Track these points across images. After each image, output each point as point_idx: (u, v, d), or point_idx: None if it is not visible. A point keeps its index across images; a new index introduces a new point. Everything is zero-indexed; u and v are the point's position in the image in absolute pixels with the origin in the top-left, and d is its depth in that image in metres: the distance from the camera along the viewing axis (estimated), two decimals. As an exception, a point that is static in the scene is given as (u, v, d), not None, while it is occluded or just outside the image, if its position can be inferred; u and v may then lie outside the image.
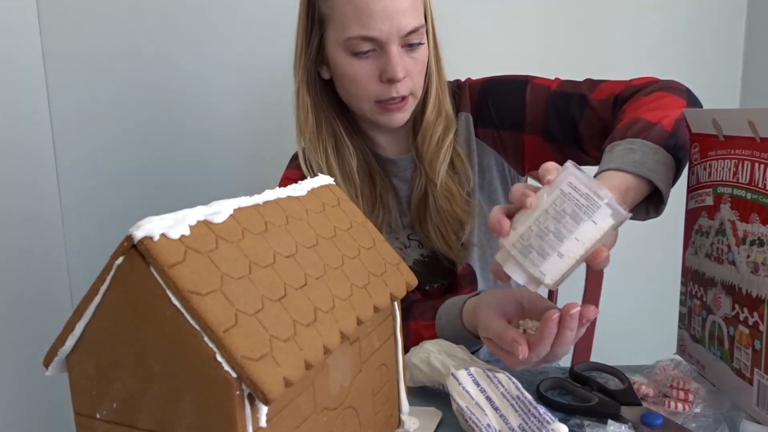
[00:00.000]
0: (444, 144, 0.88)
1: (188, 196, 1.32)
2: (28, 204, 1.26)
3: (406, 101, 0.85)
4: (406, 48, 0.82)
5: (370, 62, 0.82)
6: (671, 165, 0.69)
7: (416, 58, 0.84)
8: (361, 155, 0.92)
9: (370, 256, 0.54)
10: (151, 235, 0.36)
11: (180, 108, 1.31)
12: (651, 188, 0.67)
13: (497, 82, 0.92)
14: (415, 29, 0.81)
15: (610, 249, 0.58)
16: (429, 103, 0.88)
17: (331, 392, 0.47)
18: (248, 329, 0.37)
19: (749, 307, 0.58)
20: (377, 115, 0.86)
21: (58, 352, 0.41)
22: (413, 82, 0.85)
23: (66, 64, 1.29)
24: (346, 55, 0.83)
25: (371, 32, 0.79)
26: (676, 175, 0.71)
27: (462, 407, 0.58)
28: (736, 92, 1.27)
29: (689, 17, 1.24)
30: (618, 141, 0.70)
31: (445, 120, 0.89)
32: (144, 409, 0.39)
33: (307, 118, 0.89)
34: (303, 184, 0.54)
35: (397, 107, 0.85)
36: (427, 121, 0.88)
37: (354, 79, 0.84)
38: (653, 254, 1.28)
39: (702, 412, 0.59)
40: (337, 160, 0.90)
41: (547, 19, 1.24)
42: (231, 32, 1.28)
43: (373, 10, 0.79)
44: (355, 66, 0.83)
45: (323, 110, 0.90)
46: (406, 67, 0.83)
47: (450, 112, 0.90)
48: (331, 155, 0.89)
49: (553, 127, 0.86)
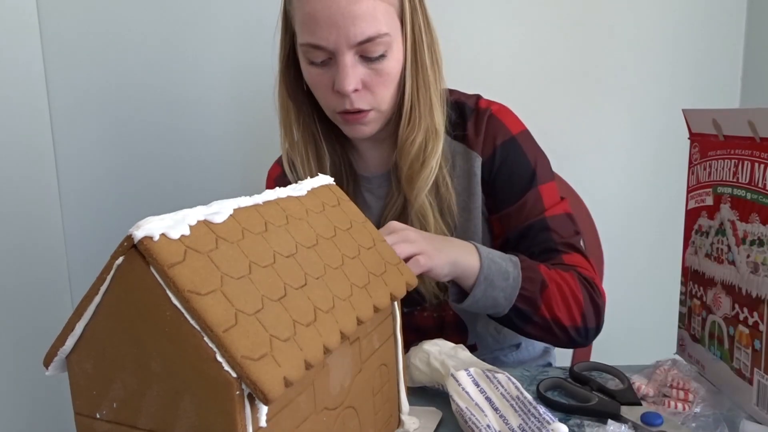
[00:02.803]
0: (428, 164, 0.80)
1: (188, 196, 1.32)
2: (28, 204, 1.26)
3: (365, 115, 0.78)
4: (364, 58, 0.75)
5: (325, 71, 0.77)
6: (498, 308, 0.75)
7: (378, 70, 0.76)
8: (337, 162, 0.88)
9: (370, 256, 0.54)
10: (151, 235, 0.36)
11: (180, 108, 1.31)
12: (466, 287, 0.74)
13: (515, 151, 0.84)
14: (371, 38, 0.73)
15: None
16: (402, 118, 0.81)
17: (331, 392, 0.47)
18: (248, 329, 0.37)
19: (749, 307, 0.58)
20: (341, 125, 0.82)
21: (58, 352, 0.41)
22: (374, 96, 0.78)
23: (66, 64, 1.29)
24: (305, 62, 0.78)
25: (318, 40, 0.73)
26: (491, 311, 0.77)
27: (461, 408, 0.58)
28: (736, 92, 1.27)
29: (689, 17, 1.24)
30: (519, 265, 0.75)
31: (424, 134, 0.81)
32: (144, 409, 0.39)
33: (288, 117, 0.86)
34: (303, 184, 0.54)
35: (355, 119, 0.79)
36: (401, 137, 0.81)
37: (313, 87, 0.80)
38: (653, 254, 1.28)
39: (702, 412, 0.59)
40: (317, 163, 0.87)
41: (547, 19, 1.24)
42: (233, 30, 1.28)
43: (319, 17, 0.72)
44: (312, 74, 0.78)
45: (303, 113, 0.86)
46: (364, 80, 0.76)
47: (437, 127, 0.81)
48: (311, 157, 0.86)
49: (511, 233, 0.84)
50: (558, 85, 1.26)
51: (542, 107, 1.07)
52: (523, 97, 0.93)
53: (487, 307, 0.75)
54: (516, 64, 1.25)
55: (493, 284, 0.73)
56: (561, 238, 0.82)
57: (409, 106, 0.80)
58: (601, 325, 0.81)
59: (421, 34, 0.79)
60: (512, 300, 0.74)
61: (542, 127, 0.85)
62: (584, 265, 0.82)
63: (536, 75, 1.25)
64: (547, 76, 1.26)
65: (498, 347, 0.94)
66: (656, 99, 1.26)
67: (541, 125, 0.85)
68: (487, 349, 0.93)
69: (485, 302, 0.74)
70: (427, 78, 0.80)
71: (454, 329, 0.90)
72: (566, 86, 1.26)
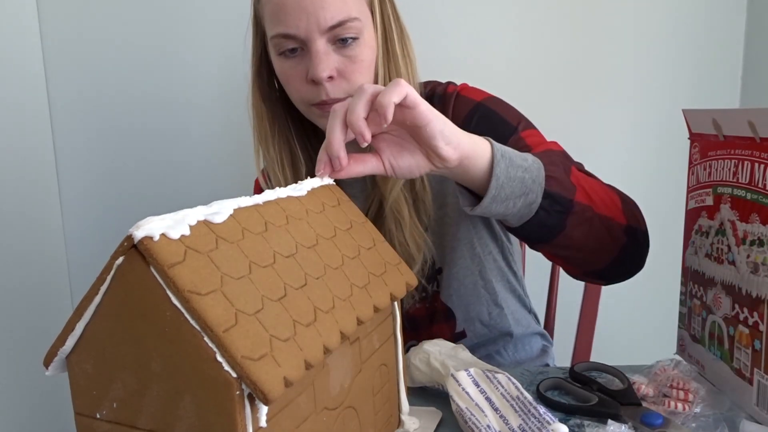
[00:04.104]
0: None
1: (188, 196, 1.32)
2: (28, 204, 1.26)
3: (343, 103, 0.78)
4: (337, 44, 0.75)
5: (297, 62, 0.76)
6: (525, 202, 0.63)
7: (352, 57, 0.75)
8: (312, 170, 0.85)
9: (370, 256, 0.54)
10: (151, 235, 0.36)
11: (181, 108, 1.31)
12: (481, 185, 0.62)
13: (487, 116, 0.81)
14: (341, 22, 0.73)
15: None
16: None
17: (331, 392, 0.47)
18: (248, 329, 0.37)
19: (749, 307, 0.58)
20: (317, 119, 0.79)
21: (58, 352, 0.41)
22: (349, 84, 0.76)
23: (66, 64, 1.29)
24: (276, 56, 0.78)
25: (288, 29, 0.73)
26: (523, 214, 0.65)
27: (461, 408, 0.58)
28: (736, 92, 1.27)
29: (689, 17, 1.24)
30: (528, 155, 0.64)
31: None
32: (144, 409, 0.39)
33: (262, 123, 0.84)
34: (303, 184, 0.54)
35: None
36: None
37: (286, 81, 0.78)
38: (653, 254, 1.28)
39: (702, 412, 0.59)
40: (292, 171, 0.84)
41: (546, 19, 1.24)
42: (233, 31, 1.27)
43: (287, 4, 0.72)
44: (284, 67, 0.77)
45: (277, 118, 0.84)
46: (337, 67, 0.75)
47: None
48: (286, 165, 0.84)
49: None
50: (558, 85, 1.26)
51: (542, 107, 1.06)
52: (523, 97, 0.93)
53: (515, 195, 0.62)
54: (516, 64, 1.26)
55: (513, 162, 0.62)
56: (559, 167, 0.70)
57: None
58: (647, 233, 0.72)
59: (391, 23, 0.79)
60: (542, 181, 0.63)
61: (542, 127, 0.85)
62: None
63: (536, 75, 1.26)
64: (547, 76, 1.26)
65: (489, 335, 0.91)
66: (656, 99, 1.26)
67: (540, 125, 0.85)
68: (476, 336, 0.90)
69: (511, 187, 0.61)
70: (398, 68, 0.79)
71: (442, 317, 0.89)
72: (566, 86, 1.26)
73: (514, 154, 0.63)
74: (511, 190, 0.62)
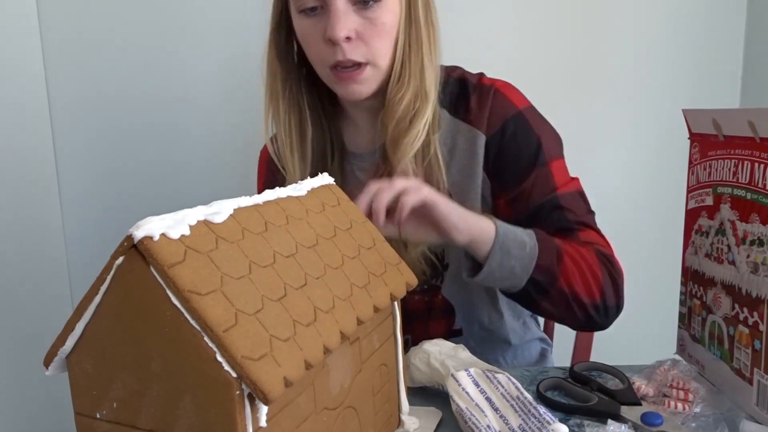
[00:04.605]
0: (415, 125, 0.77)
1: (188, 196, 1.32)
2: (28, 204, 1.26)
3: (360, 71, 0.75)
4: (358, 5, 0.73)
5: (317, 20, 0.74)
6: (514, 277, 0.71)
7: (372, 20, 0.74)
8: (321, 138, 0.84)
9: (370, 256, 0.54)
10: (151, 235, 0.36)
11: (180, 108, 1.31)
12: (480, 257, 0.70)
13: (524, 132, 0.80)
14: None
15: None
16: (392, 75, 0.77)
17: (331, 392, 0.47)
18: (248, 329, 0.37)
19: (749, 307, 0.58)
20: (334, 85, 0.78)
21: (58, 352, 0.41)
22: (368, 47, 0.75)
23: (66, 64, 1.29)
24: (296, 14, 0.76)
25: None
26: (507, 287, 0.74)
27: (461, 408, 0.58)
28: (736, 92, 1.27)
29: (689, 17, 1.24)
30: (534, 235, 0.72)
31: (413, 94, 0.77)
32: (144, 409, 0.39)
33: (275, 83, 0.82)
34: (303, 184, 0.54)
35: (349, 76, 0.75)
36: (389, 95, 0.77)
37: (304, 41, 0.77)
38: (653, 254, 1.28)
39: (702, 412, 0.59)
40: (299, 135, 0.83)
41: (546, 19, 1.24)
42: (234, 31, 1.28)
43: None
44: (303, 25, 0.76)
45: (290, 79, 0.82)
46: (356, 28, 0.73)
47: (427, 90, 0.78)
48: (293, 128, 0.82)
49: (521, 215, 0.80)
50: (558, 85, 1.26)
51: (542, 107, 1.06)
52: (523, 97, 0.93)
53: (503, 278, 0.71)
54: (516, 64, 1.25)
55: (510, 253, 0.69)
56: (575, 216, 0.79)
57: (400, 63, 0.77)
58: (621, 305, 0.77)
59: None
60: (529, 270, 0.70)
61: (542, 127, 0.85)
62: (601, 242, 0.79)
63: (536, 75, 1.25)
64: (547, 76, 1.26)
65: (487, 339, 0.90)
66: (656, 99, 1.26)
67: (541, 125, 0.85)
68: (473, 338, 0.89)
69: (501, 273, 0.70)
70: (420, 36, 0.77)
71: (440, 313, 0.87)
72: (566, 86, 1.26)
73: (513, 243, 0.70)
74: (500, 275, 0.71)
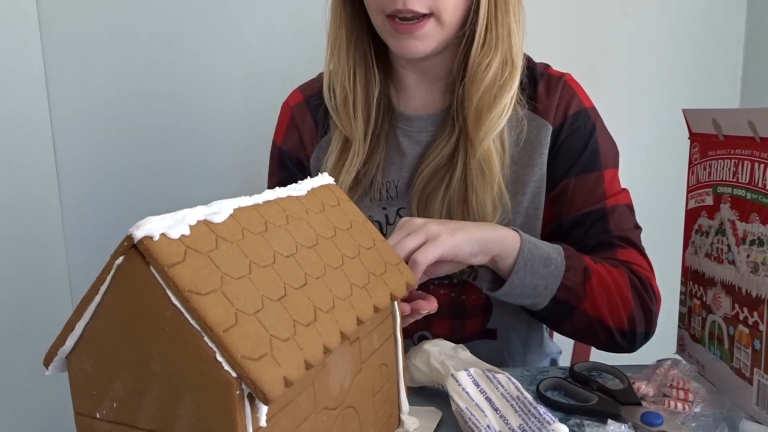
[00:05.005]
0: (501, 98, 0.71)
1: (188, 196, 1.32)
2: (28, 204, 1.26)
3: (421, 24, 0.69)
4: None
5: None
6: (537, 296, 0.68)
7: None
8: (377, 94, 0.79)
9: (370, 256, 0.54)
10: (151, 234, 0.36)
11: (181, 108, 1.31)
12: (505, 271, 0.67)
13: (587, 134, 0.77)
14: None
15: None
16: (476, 40, 0.71)
17: (331, 392, 0.47)
18: (248, 329, 0.37)
19: (749, 307, 0.58)
20: (389, 38, 0.72)
21: (58, 352, 0.41)
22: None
23: (66, 64, 1.29)
24: None
25: None
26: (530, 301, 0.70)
27: (461, 408, 0.58)
28: (736, 92, 1.27)
29: (689, 17, 1.24)
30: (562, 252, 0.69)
31: (501, 60, 0.71)
32: (144, 409, 0.39)
33: (339, 31, 0.76)
34: (303, 184, 0.54)
35: (407, 29, 0.69)
36: (472, 62, 0.71)
37: None
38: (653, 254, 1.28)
39: (702, 412, 0.59)
40: (363, 87, 0.78)
41: (547, 18, 1.24)
42: (234, 32, 1.28)
43: None
44: None
45: (356, 30, 0.77)
46: None
47: (515, 57, 0.72)
48: (358, 81, 0.77)
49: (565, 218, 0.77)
50: (558, 85, 1.26)
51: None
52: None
53: (524, 296, 0.68)
54: (516, 64, 1.25)
55: (534, 270, 0.66)
56: (619, 230, 0.75)
57: (485, 27, 0.71)
58: (651, 332, 0.73)
59: None
60: (553, 290, 0.67)
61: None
62: (640, 262, 0.75)
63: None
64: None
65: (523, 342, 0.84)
66: (656, 99, 1.26)
67: (541, 125, 0.85)
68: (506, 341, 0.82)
69: (522, 291, 0.67)
70: (512, 6, 0.73)
71: (476, 312, 0.80)
72: (566, 86, 1.26)
73: (538, 260, 0.66)
74: (521, 292, 0.67)
